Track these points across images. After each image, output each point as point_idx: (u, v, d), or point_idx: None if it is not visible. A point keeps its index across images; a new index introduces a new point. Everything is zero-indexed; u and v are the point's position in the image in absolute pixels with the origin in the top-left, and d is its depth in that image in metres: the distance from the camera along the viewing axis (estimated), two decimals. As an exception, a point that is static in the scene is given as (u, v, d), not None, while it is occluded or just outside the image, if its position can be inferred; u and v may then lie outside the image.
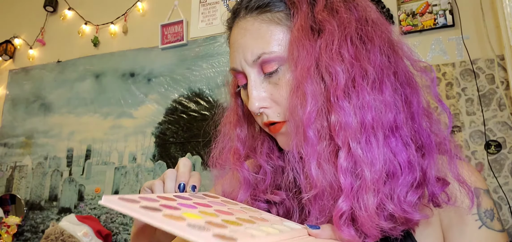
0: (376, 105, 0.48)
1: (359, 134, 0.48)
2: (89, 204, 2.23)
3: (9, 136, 2.56)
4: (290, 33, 0.54)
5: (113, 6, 2.48)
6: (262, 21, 0.56)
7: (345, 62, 0.50)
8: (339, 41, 0.51)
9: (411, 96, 0.53)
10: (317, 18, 0.53)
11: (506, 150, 1.55)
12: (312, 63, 0.51)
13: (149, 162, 2.17)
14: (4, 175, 2.49)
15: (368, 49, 0.51)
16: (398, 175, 0.48)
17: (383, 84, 0.50)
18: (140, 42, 2.37)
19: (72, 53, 2.53)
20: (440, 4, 1.73)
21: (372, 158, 0.47)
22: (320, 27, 0.52)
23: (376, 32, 0.52)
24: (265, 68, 0.55)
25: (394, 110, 0.49)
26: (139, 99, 2.28)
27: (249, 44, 0.56)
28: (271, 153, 0.64)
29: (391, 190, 0.47)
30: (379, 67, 0.50)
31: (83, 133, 2.36)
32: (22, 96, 2.61)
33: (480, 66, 1.64)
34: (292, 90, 0.52)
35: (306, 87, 0.50)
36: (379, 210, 0.46)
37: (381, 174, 0.47)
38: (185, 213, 0.40)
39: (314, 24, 0.53)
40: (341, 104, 0.48)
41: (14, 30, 2.72)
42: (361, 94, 0.49)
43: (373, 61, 0.50)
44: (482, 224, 0.53)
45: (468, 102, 1.64)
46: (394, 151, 0.48)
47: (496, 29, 1.62)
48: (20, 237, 2.31)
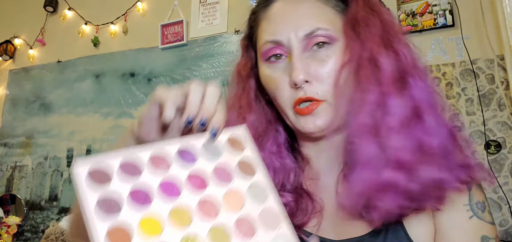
0: (426, 87, 0.54)
1: (429, 110, 0.53)
2: (89, 204, 2.23)
3: (9, 136, 2.56)
4: (342, 17, 0.59)
5: (113, 6, 2.48)
6: (317, 0, 0.59)
7: (389, 52, 0.55)
8: (381, 35, 0.55)
9: (437, 95, 0.58)
10: (363, 12, 0.58)
11: (506, 150, 1.55)
12: (368, 53, 0.55)
13: (149, 162, 2.17)
14: (4, 175, 2.49)
15: (399, 46, 0.56)
16: (449, 155, 0.52)
17: (420, 72, 0.55)
18: (140, 42, 2.37)
19: (72, 53, 2.53)
20: (440, 4, 1.73)
21: (439, 132, 0.52)
22: (366, 21, 0.57)
23: (399, 34, 0.58)
24: (316, 44, 0.57)
25: (437, 103, 0.55)
26: (139, 99, 2.28)
27: (303, 18, 0.58)
28: (280, 149, 0.64)
29: (449, 162, 0.52)
30: (411, 59, 0.55)
31: (83, 133, 2.36)
32: (22, 96, 2.61)
33: (480, 66, 1.64)
34: (341, 70, 0.56)
35: (362, 77, 0.54)
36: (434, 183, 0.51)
37: (444, 146, 0.52)
38: (145, 222, 0.37)
39: (362, 16, 0.57)
40: (408, 83, 0.53)
41: (14, 30, 2.72)
42: (412, 79, 0.54)
43: (405, 54, 0.55)
44: (473, 215, 0.54)
45: (468, 102, 1.64)
46: (450, 128, 0.55)
47: (496, 29, 1.62)
48: (20, 237, 2.31)
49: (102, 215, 0.35)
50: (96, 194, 0.37)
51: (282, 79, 0.59)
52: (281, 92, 0.59)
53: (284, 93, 0.59)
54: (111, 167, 0.38)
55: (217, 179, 0.43)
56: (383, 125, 0.52)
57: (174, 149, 0.42)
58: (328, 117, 0.57)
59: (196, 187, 0.41)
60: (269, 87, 0.61)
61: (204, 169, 0.42)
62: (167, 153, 0.42)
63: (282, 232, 0.42)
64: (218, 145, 0.44)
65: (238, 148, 0.46)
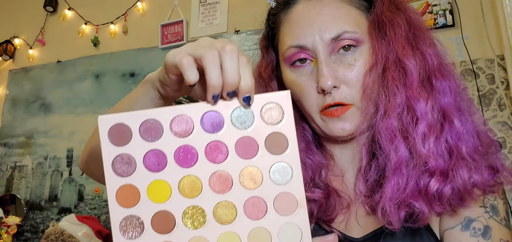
0: (452, 90, 0.54)
1: (457, 113, 0.53)
2: (89, 204, 2.23)
3: (9, 136, 2.56)
4: (367, 19, 0.58)
5: (113, 6, 2.48)
6: (342, 1, 0.58)
7: (415, 54, 0.55)
8: (407, 36, 0.55)
9: (464, 93, 0.58)
10: (389, 12, 0.57)
11: (506, 150, 1.55)
12: (395, 55, 0.55)
13: (149, 162, 2.17)
14: (4, 175, 2.49)
15: (425, 47, 0.56)
16: (480, 153, 0.53)
17: (447, 73, 0.55)
18: (140, 42, 2.37)
19: (72, 53, 2.53)
20: (440, 4, 1.73)
21: (467, 134, 0.52)
22: (391, 21, 0.56)
23: (425, 28, 0.58)
24: (343, 48, 0.56)
25: (460, 96, 0.56)
26: (139, 99, 2.28)
27: (329, 21, 0.56)
28: (309, 145, 0.64)
29: (477, 164, 0.52)
30: (437, 60, 0.55)
31: (83, 133, 2.36)
32: (22, 96, 2.61)
33: (480, 66, 1.64)
34: (368, 73, 0.55)
35: (389, 79, 0.54)
36: (468, 183, 0.51)
37: (474, 149, 0.52)
38: (154, 185, 0.39)
39: (388, 17, 0.57)
40: (435, 86, 0.53)
41: (14, 30, 2.72)
42: (438, 81, 0.54)
43: (431, 55, 0.55)
44: (490, 216, 0.54)
45: (468, 102, 1.64)
46: (477, 129, 0.55)
47: (496, 29, 1.62)
48: (20, 237, 2.31)
49: (117, 169, 0.39)
50: (115, 149, 0.40)
51: (308, 85, 0.58)
52: (308, 97, 0.58)
53: (311, 98, 0.58)
54: (133, 125, 0.40)
55: (240, 152, 0.40)
56: (412, 129, 0.52)
57: (199, 113, 0.39)
58: (357, 121, 0.57)
59: (213, 157, 0.39)
60: (293, 91, 0.60)
61: (226, 139, 0.40)
62: (191, 117, 0.40)
63: (296, 219, 0.39)
64: (251, 111, 0.39)
65: (273, 118, 0.40)
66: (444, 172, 0.51)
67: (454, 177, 0.50)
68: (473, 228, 0.54)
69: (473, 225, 0.54)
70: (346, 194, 0.61)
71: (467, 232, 0.53)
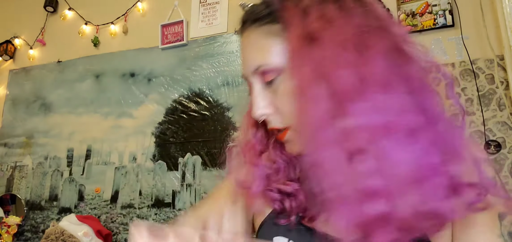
0: (389, 108, 0.47)
1: (380, 136, 0.46)
2: (89, 204, 2.23)
3: (9, 136, 2.56)
4: (287, 43, 0.55)
5: (113, 6, 2.48)
6: (260, 33, 0.58)
7: (345, 68, 0.48)
8: (336, 49, 0.50)
9: (428, 101, 0.52)
10: (312, 27, 0.52)
11: (506, 150, 1.55)
12: (312, 70, 0.50)
13: (149, 162, 2.17)
14: (4, 175, 2.49)
15: (369, 55, 0.49)
16: (424, 179, 0.46)
17: (391, 88, 0.48)
18: (140, 42, 2.37)
19: (72, 53, 2.53)
20: (440, 4, 1.73)
21: (397, 160, 0.45)
22: (315, 36, 0.51)
23: (379, 38, 0.51)
24: (265, 78, 0.57)
25: (409, 114, 0.48)
26: (139, 99, 2.28)
27: (250, 56, 0.59)
28: (283, 149, 0.65)
29: (417, 194, 0.46)
30: (384, 73, 0.49)
31: (83, 133, 2.36)
32: (22, 96, 2.61)
33: (479, 66, 1.64)
34: (293, 97, 0.53)
35: (307, 93, 0.50)
36: (413, 212, 0.46)
37: (408, 176, 0.46)
38: None
39: (309, 33, 0.52)
40: (353, 107, 0.47)
41: (14, 30, 2.73)
42: (371, 97, 0.47)
43: (375, 67, 0.48)
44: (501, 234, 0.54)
45: (467, 102, 1.64)
46: (418, 154, 0.47)
47: (496, 29, 1.62)
48: (21, 237, 2.32)
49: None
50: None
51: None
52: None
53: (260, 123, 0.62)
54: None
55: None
56: (345, 147, 0.47)
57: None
58: (299, 141, 0.57)
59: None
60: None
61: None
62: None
63: None
64: None
65: None
66: (390, 195, 0.46)
67: (405, 201, 0.46)
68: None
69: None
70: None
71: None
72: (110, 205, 2.18)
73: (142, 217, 2.10)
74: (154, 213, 2.08)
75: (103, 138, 2.31)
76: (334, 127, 0.47)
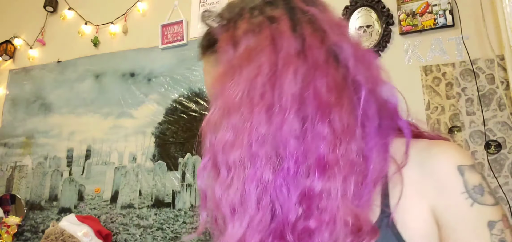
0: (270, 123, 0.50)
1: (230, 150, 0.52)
2: (89, 204, 2.23)
3: (9, 136, 2.56)
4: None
5: (113, 6, 2.48)
6: (210, 61, 0.63)
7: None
8: (227, 73, 0.55)
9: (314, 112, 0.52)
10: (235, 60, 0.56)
11: (506, 150, 1.55)
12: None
13: (149, 162, 2.17)
14: (4, 175, 2.49)
15: (230, 84, 0.53)
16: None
17: (254, 105, 0.51)
18: (140, 42, 2.37)
19: (72, 53, 2.53)
20: (440, 4, 1.73)
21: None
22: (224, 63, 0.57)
23: (254, 59, 0.53)
24: None
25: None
26: (139, 99, 2.28)
27: (206, 83, 0.65)
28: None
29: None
30: (245, 95, 0.52)
31: (83, 133, 2.36)
32: (22, 96, 2.61)
33: (480, 66, 1.64)
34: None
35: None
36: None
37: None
38: None
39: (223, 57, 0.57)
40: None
41: (14, 30, 2.72)
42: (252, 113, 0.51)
43: (230, 96, 0.52)
44: (473, 202, 0.50)
45: (468, 102, 1.64)
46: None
47: (496, 29, 1.62)
48: (20, 237, 2.31)
49: None
50: None
51: None
52: None
53: None
54: None
55: None
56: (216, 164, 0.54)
57: None
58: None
59: None
60: None
61: None
62: None
63: None
64: None
65: None
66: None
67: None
68: None
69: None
70: None
71: None
72: (110, 205, 2.18)
73: (142, 217, 2.10)
74: (154, 213, 2.08)
75: (103, 138, 2.31)
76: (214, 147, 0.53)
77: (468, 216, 0.50)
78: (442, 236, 0.51)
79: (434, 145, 0.54)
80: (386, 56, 1.81)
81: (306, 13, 0.56)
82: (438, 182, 0.51)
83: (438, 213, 0.51)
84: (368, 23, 1.87)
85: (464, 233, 0.50)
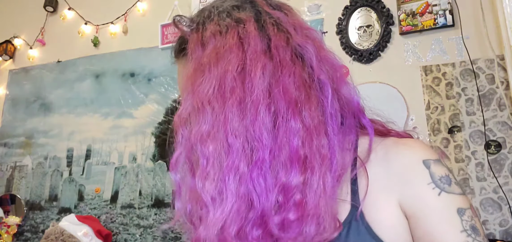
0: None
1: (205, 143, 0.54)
2: (89, 204, 2.23)
3: (9, 136, 2.56)
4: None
5: (113, 6, 2.48)
6: (181, 64, 0.66)
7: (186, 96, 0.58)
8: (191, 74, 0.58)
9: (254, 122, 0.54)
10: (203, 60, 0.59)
11: (506, 150, 1.55)
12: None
13: (149, 162, 2.17)
14: (4, 175, 2.49)
15: (201, 80, 0.56)
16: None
17: (204, 109, 0.55)
18: (140, 42, 2.37)
19: (72, 53, 2.53)
20: (440, 4, 1.73)
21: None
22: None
23: (216, 64, 0.56)
24: None
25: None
26: (139, 99, 2.28)
27: (178, 83, 0.68)
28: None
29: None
30: (206, 97, 0.54)
31: (83, 133, 2.36)
32: (22, 96, 2.61)
33: (480, 66, 1.64)
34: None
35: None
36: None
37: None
38: None
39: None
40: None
41: (14, 30, 2.72)
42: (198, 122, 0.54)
43: (201, 92, 0.55)
44: (440, 191, 0.52)
45: (468, 102, 1.64)
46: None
47: (496, 29, 1.62)
48: (20, 237, 2.31)
49: None
50: None
51: None
52: None
53: None
54: None
55: None
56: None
57: None
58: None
59: None
60: None
61: None
62: None
63: None
64: None
65: None
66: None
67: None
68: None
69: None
70: None
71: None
72: (110, 205, 2.18)
73: (142, 217, 2.10)
74: (154, 213, 2.08)
75: (103, 138, 2.31)
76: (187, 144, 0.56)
77: (436, 204, 0.52)
78: (412, 226, 0.53)
79: (400, 143, 0.57)
80: (386, 56, 1.81)
81: (271, 16, 0.59)
82: (404, 176, 0.53)
83: (405, 205, 0.53)
84: (368, 23, 1.87)
85: (434, 222, 0.51)
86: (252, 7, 0.60)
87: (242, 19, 0.58)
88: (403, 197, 0.53)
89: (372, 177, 0.55)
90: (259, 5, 0.61)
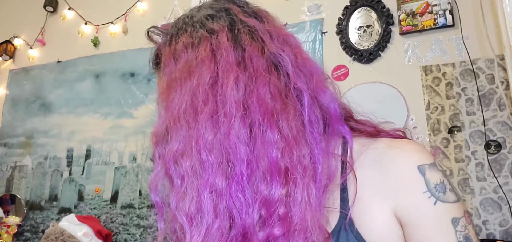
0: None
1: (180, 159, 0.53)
2: (89, 204, 2.23)
3: (9, 136, 2.56)
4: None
5: (113, 6, 2.48)
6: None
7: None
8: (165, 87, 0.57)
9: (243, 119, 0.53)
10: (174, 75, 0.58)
11: (506, 150, 1.55)
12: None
13: (149, 162, 2.17)
14: (4, 175, 2.49)
15: (173, 95, 0.55)
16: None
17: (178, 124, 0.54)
18: (140, 42, 2.36)
19: (72, 53, 2.53)
20: (440, 4, 1.73)
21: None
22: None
23: (188, 78, 0.55)
24: None
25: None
26: (139, 99, 2.28)
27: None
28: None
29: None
30: (182, 111, 0.53)
31: (83, 133, 2.36)
32: (22, 96, 2.61)
33: (480, 66, 1.64)
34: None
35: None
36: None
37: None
38: None
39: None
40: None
41: (14, 30, 2.72)
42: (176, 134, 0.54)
43: (173, 108, 0.54)
44: (436, 200, 0.51)
45: (468, 102, 1.64)
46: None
47: (496, 29, 1.62)
48: (20, 237, 2.31)
49: None
50: None
51: None
52: None
53: None
54: None
55: None
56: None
57: None
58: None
59: None
60: None
61: None
62: None
63: None
64: None
65: None
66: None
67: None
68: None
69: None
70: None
71: None
72: (110, 205, 2.18)
73: (142, 217, 2.10)
74: (154, 213, 2.08)
75: (103, 138, 2.31)
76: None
77: (431, 214, 0.51)
78: (406, 235, 0.52)
79: (394, 146, 0.55)
80: (386, 56, 1.81)
81: (246, 25, 0.58)
82: (399, 183, 0.52)
83: (400, 213, 0.52)
84: (368, 23, 1.87)
85: (429, 231, 0.50)
86: (227, 15, 0.59)
87: (215, 30, 0.57)
88: (398, 204, 0.52)
89: (364, 181, 0.53)
90: (234, 13, 0.59)
